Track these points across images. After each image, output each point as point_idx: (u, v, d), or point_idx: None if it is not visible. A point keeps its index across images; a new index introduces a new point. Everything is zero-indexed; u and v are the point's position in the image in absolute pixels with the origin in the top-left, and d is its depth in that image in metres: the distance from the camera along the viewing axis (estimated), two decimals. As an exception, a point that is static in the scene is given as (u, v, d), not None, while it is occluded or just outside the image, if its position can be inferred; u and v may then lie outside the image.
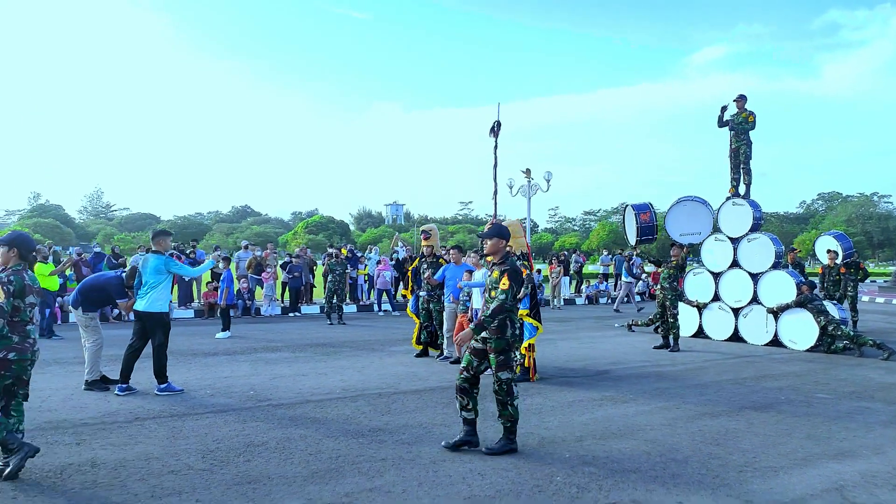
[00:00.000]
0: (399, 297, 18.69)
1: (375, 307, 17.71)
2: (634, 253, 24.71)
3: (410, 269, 10.31)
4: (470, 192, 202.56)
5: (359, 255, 18.81)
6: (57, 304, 13.19)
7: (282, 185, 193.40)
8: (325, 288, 15.04)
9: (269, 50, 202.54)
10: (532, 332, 8.04)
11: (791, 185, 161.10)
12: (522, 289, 8.13)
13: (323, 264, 17.66)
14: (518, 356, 8.12)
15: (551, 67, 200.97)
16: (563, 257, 22.56)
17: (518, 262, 8.18)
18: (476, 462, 4.92)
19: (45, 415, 6.18)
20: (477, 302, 8.88)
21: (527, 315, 8.05)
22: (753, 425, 6.10)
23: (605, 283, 23.73)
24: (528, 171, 21.68)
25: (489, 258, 5.44)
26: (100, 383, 7.22)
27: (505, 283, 5.10)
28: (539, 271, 12.75)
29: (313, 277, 18.29)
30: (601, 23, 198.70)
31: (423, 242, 9.99)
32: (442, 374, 8.54)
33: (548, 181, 20.83)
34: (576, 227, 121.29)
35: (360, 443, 5.39)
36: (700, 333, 12.23)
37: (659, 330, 12.88)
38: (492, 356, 5.17)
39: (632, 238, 11.76)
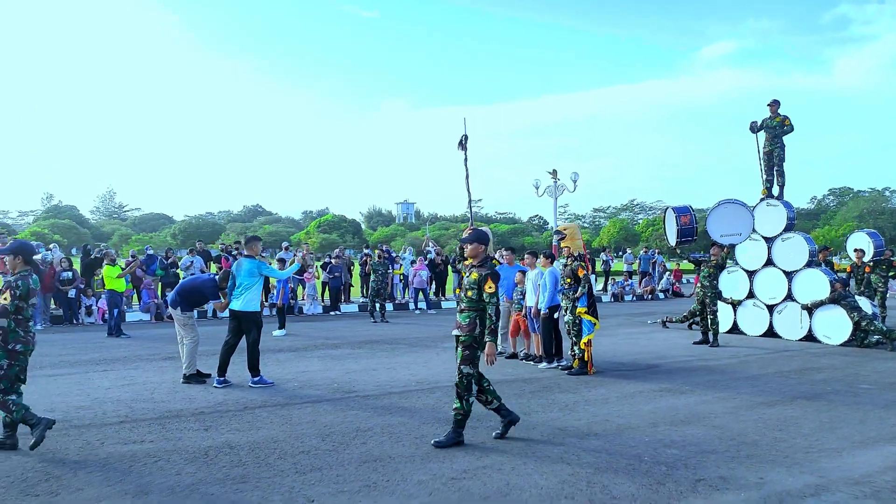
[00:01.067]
0: (431, 295, 19.30)
1: (411, 305, 18.30)
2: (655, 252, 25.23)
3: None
4: (479, 190, 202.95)
5: (394, 255, 19.39)
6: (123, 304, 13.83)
7: (291, 184, 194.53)
8: (367, 287, 15.63)
9: (277, 49, 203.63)
10: (590, 328, 8.58)
11: (801, 180, 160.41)
12: (580, 288, 8.71)
13: (360, 264, 18.27)
14: (577, 351, 8.69)
15: (560, 64, 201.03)
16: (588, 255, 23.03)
17: (575, 263, 8.76)
18: (568, 444, 5.49)
19: (161, 405, 6.78)
20: (531, 300, 9.43)
21: (585, 312, 8.60)
22: (808, 413, 6.62)
23: (630, 280, 24.23)
24: (554, 172, 22.21)
25: (468, 261, 5.78)
26: (196, 377, 7.82)
27: (491, 286, 5.45)
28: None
29: (351, 277, 18.90)
30: (610, 19, 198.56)
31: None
32: (502, 367, 9.10)
33: (574, 182, 21.35)
34: (585, 224, 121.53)
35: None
36: (735, 329, 12.74)
37: (693, 327, 13.44)
38: (458, 350, 5.52)
39: (672, 239, 12.27)
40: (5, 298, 5.10)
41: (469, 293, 5.54)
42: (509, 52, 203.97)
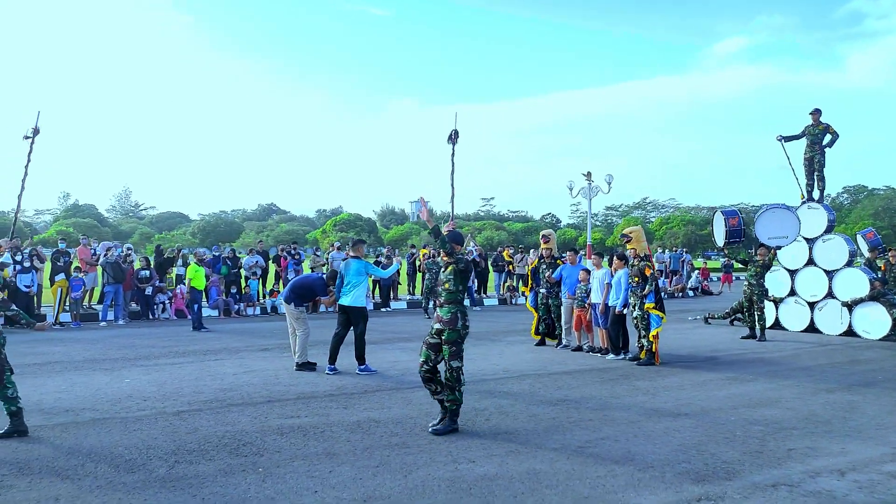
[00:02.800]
0: (475, 294, 20.12)
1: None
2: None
3: (530, 268, 11.71)
4: (491, 188, 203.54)
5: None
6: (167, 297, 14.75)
7: (304, 183, 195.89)
8: (413, 285, 16.49)
9: (289, 48, 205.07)
10: (658, 322, 9.38)
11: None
12: (648, 286, 9.51)
13: (409, 262, 19.15)
14: (646, 343, 9.50)
15: (569, 62, 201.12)
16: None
17: (642, 263, 9.57)
18: (665, 422, 6.31)
19: (293, 388, 7.66)
20: (595, 297, 10.24)
21: (653, 308, 9.41)
22: (868, 398, 7.41)
23: (661, 278, 24.98)
24: (588, 174, 22.98)
25: (444, 258, 5.97)
26: (307, 365, 8.70)
27: (450, 268, 5.80)
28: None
29: (398, 275, 19.77)
30: (619, 17, 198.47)
31: (543, 245, 11.36)
32: (575, 359, 9.93)
33: (609, 183, 22.12)
34: (598, 223, 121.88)
35: (559, 409, 6.79)
36: (777, 325, 13.49)
37: (734, 323, 14.22)
38: (445, 347, 5.74)
39: (720, 240, 13.04)
40: None
41: (447, 285, 5.84)
42: (519, 50, 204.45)
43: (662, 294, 10.21)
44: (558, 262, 11.28)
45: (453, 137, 8.36)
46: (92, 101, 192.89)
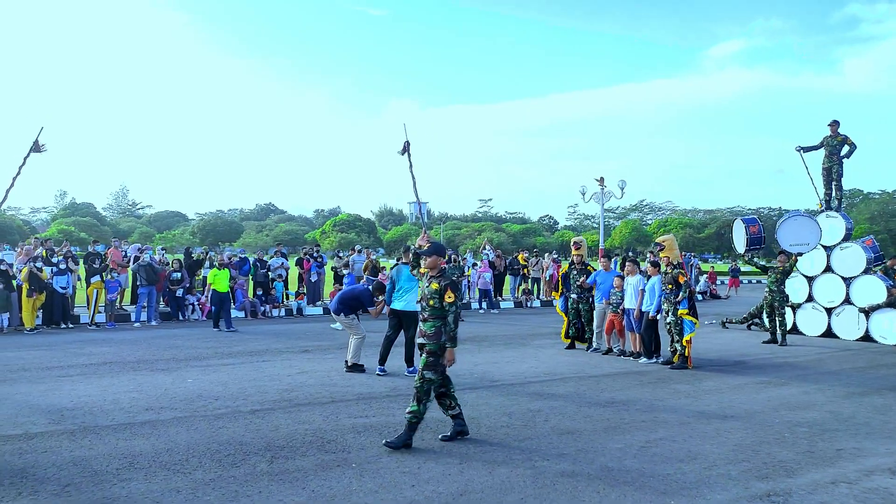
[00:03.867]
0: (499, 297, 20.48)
1: (474, 305, 19.49)
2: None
3: (561, 273, 12.07)
4: (488, 189, 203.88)
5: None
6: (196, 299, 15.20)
7: (302, 183, 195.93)
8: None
9: (286, 47, 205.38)
10: (691, 327, 9.75)
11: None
12: (681, 292, 9.87)
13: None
14: (679, 347, 9.87)
15: (567, 64, 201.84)
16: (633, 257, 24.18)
17: (676, 270, 9.94)
18: (714, 424, 6.67)
19: (349, 389, 7.99)
20: (629, 303, 10.61)
21: (686, 314, 9.78)
22: (899, 401, 7.80)
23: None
24: (601, 180, 23.38)
25: (423, 270, 5.96)
26: (356, 367, 9.04)
27: (451, 295, 5.66)
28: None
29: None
30: (617, 19, 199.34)
31: (574, 252, 11.73)
32: (609, 362, 10.29)
33: (622, 189, 22.53)
34: (595, 225, 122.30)
35: (610, 411, 7.14)
36: (793, 330, 13.90)
37: (752, 327, 14.63)
38: (423, 356, 5.72)
39: (740, 247, 13.45)
40: None
41: (431, 302, 5.75)
42: (517, 52, 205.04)
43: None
44: (588, 267, 11.65)
45: (407, 148, 8.22)
46: (89, 99, 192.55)
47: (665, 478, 5.04)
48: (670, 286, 9.98)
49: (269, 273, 17.15)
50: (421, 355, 5.80)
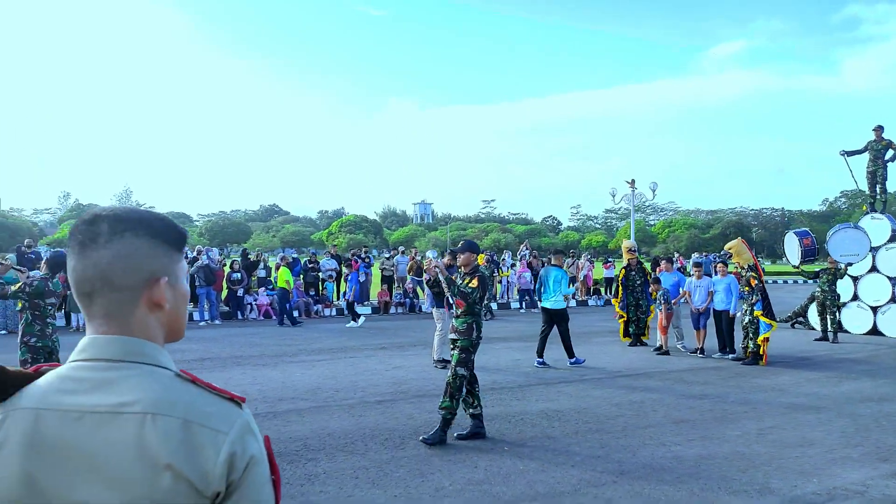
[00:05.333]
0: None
1: (515, 305, 19.95)
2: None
3: (620, 277, 12.53)
4: (491, 190, 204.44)
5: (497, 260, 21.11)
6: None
7: (306, 184, 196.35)
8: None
9: (287, 48, 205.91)
10: (767, 327, 10.19)
11: (813, 182, 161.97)
12: (754, 294, 10.31)
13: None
14: (752, 346, 10.32)
15: (568, 64, 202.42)
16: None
17: (749, 273, 10.38)
18: (811, 413, 7.13)
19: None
20: (699, 302, 11.07)
21: (762, 315, 10.22)
22: (972, 394, 8.26)
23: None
24: (632, 182, 23.89)
25: (462, 268, 6.28)
26: (443, 362, 9.49)
27: (474, 282, 6.03)
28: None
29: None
30: (618, 19, 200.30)
31: (630, 256, 12.26)
32: (680, 359, 10.76)
33: (653, 191, 22.99)
34: (598, 225, 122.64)
35: (709, 402, 7.60)
36: (839, 328, 14.37)
37: (795, 325, 15.11)
38: (455, 352, 5.94)
39: (794, 259, 13.96)
40: (15, 286, 5.88)
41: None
42: (516, 53, 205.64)
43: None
44: (645, 269, 12.18)
45: None
46: (91, 100, 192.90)
47: (795, 460, 5.50)
48: (747, 288, 10.45)
49: (320, 274, 17.60)
50: (452, 351, 5.99)
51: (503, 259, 21.28)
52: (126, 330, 1.05)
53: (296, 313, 16.75)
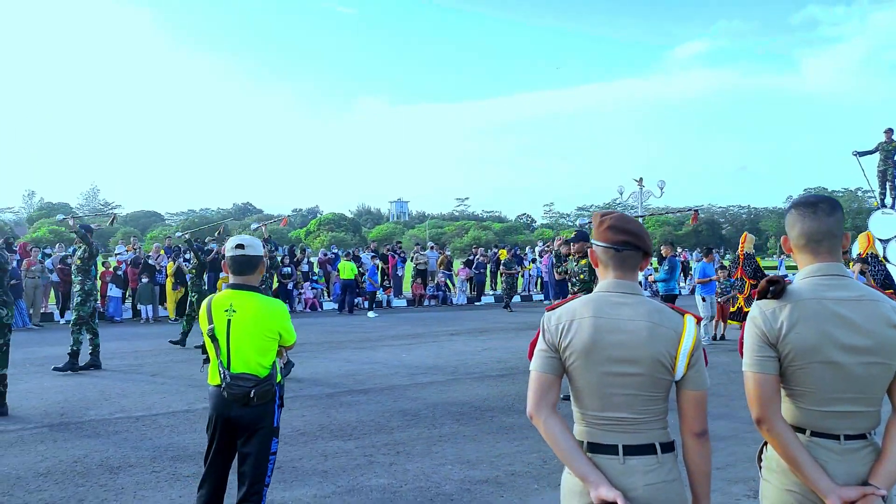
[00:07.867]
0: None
1: (537, 297, 20.86)
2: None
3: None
4: (464, 188, 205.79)
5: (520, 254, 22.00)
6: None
7: (278, 182, 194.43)
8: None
9: (254, 45, 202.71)
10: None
11: (775, 179, 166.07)
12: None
13: (493, 262, 20.85)
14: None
15: (535, 63, 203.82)
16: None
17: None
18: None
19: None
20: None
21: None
22: None
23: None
24: (640, 180, 24.97)
25: (575, 255, 6.96)
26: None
27: (584, 261, 6.68)
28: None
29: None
30: (583, 18, 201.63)
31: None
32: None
33: (661, 188, 24.08)
34: (570, 223, 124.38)
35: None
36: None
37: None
38: None
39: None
40: None
41: (581, 276, 6.81)
42: (485, 51, 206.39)
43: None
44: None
45: None
46: (59, 98, 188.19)
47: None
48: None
49: (361, 268, 18.25)
50: None
51: (524, 254, 22.17)
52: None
53: (334, 305, 17.50)
